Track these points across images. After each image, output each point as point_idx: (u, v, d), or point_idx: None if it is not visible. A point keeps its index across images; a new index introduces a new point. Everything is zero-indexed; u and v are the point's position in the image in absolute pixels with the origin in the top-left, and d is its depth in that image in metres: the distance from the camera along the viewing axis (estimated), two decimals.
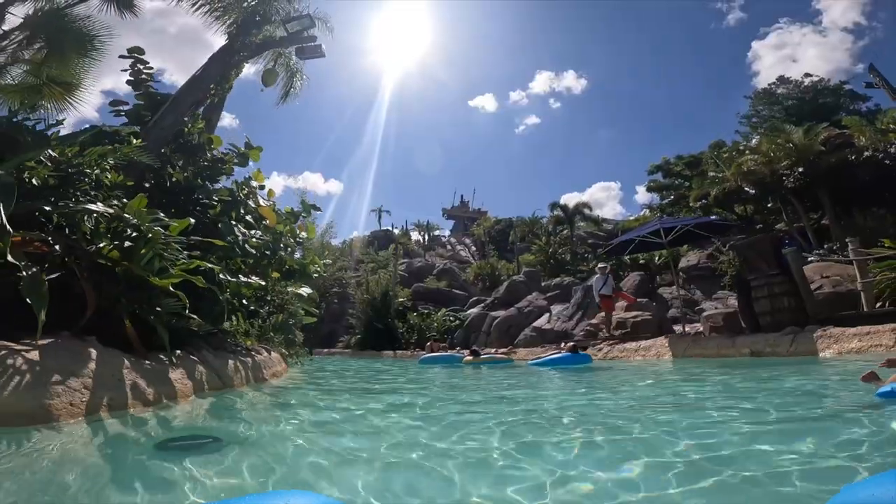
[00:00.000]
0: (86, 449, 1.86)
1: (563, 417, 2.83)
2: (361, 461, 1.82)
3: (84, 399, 2.29)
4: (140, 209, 3.21)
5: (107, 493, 1.41)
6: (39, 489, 1.41)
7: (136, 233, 3.14)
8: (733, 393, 3.93)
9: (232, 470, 1.67)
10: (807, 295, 7.85)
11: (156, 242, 3.00)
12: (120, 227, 3.12)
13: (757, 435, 2.01)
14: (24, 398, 2.01)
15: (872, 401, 2.70)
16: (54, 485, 1.46)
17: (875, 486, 0.89)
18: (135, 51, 7.97)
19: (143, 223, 3.07)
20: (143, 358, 3.20)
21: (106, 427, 2.22)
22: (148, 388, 2.87)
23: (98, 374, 2.49)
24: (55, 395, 2.15)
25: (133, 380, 2.78)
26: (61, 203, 3.09)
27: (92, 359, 2.56)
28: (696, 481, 1.40)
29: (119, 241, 3.03)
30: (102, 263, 3.03)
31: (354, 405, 3.65)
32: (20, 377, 2.06)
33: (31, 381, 2.09)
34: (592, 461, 1.69)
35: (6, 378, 1.99)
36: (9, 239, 2.35)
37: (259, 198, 5.95)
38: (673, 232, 10.98)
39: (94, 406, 2.34)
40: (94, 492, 1.42)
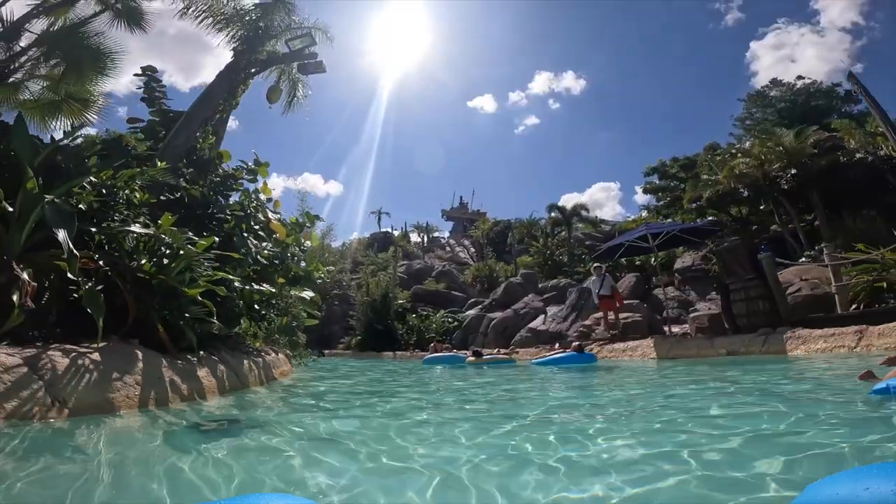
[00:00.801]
0: (151, 431, 2.35)
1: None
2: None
3: (137, 393, 2.78)
4: (171, 228, 3.70)
5: (175, 463, 1.89)
6: (130, 460, 1.89)
7: (169, 250, 3.63)
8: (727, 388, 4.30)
9: (264, 448, 2.15)
10: (780, 298, 8.34)
11: (189, 259, 3.49)
12: (156, 245, 3.60)
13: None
14: (93, 393, 2.49)
15: (867, 397, 2.79)
16: (136, 457, 1.94)
17: (838, 485, 0.91)
18: (148, 69, 8.49)
19: (176, 242, 3.56)
20: (175, 358, 3.69)
21: (157, 416, 2.71)
22: (182, 384, 3.36)
23: (145, 372, 2.98)
24: (116, 389, 2.64)
25: (171, 377, 3.27)
26: (104, 224, 3.58)
27: (139, 360, 3.05)
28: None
29: (156, 258, 3.52)
30: (141, 277, 3.51)
31: (367, 408, 4.13)
32: (89, 375, 2.54)
33: (97, 378, 2.56)
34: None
35: (79, 376, 2.47)
36: (76, 261, 2.84)
37: (267, 210, 6.43)
38: (659, 237, 11.47)
39: (145, 399, 2.82)
40: (165, 462, 1.90)
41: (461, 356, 12.33)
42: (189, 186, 5.78)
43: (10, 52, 8.95)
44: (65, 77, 8.69)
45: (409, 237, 59.74)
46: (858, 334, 6.48)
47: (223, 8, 10.51)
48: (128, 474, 1.63)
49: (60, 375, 2.34)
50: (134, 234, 3.44)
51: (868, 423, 2.29)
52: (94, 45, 9.26)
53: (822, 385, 3.96)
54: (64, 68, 8.66)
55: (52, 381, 2.27)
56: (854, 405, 2.71)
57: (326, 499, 1.43)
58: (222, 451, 2.02)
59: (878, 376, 3.22)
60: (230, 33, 10.25)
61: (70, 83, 8.71)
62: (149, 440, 2.17)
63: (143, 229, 3.49)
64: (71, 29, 9.25)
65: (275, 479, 1.65)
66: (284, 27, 10.63)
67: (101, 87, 9.15)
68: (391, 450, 2.07)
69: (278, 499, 1.11)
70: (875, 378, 3.21)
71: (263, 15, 10.27)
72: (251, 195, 6.49)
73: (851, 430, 2.06)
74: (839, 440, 1.80)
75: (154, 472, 1.68)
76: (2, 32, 8.59)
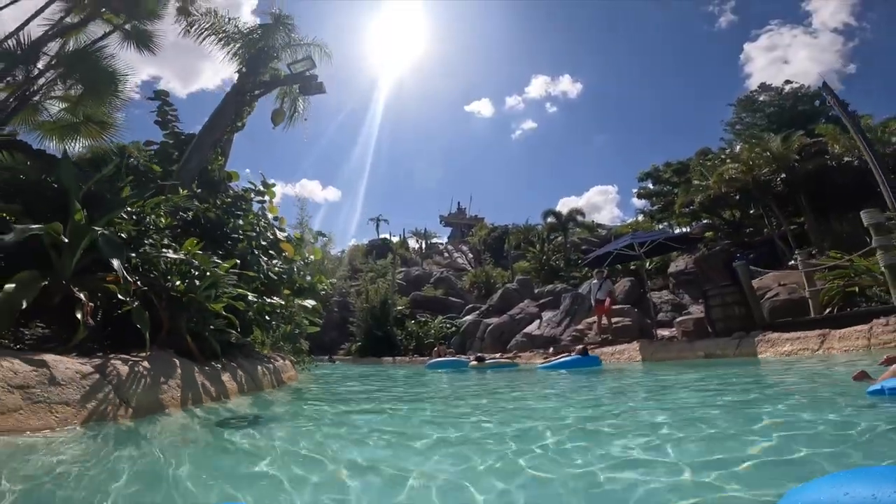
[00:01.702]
0: (196, 426, 2.90)
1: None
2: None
3: (178, 395, 3.32)
4: (199, 252, 4.26)
5: (223, 446, 2.43)
6: (191, 446, 2.44)
7: (197, 271, 4.18)
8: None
9: (284, 438, 2.70)
10: (754, 304, 8.91)
11: (215, 279, 4.04)
12: (185, 267, 4.16)
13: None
14: (148, 394, 3.03)
15: (856, 400, 2.86)
16: (192, 443, 2.48)
17: (818, 490, 0.92)
18: (161, 94, 9.05)
19: (203, 264, 4.12)
20: (203, 365, 4.23)
21: (196, 413, 3.25)
22: (211, 387, 3.90)
23: (183, 377, 3.52)
24: (164, 391, 3.18)
25: (202, 381, 3.81)
26: (140, 250, 4.13)
27: (177, 367, 3.59)
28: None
29: (187, 278, 4.07)
30: (173, 295, 4.06)
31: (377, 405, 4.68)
32: (143, 380, 3.08)
33: (150, 382, 3.10)
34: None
35: (137, 381, 3.01)
36: (130, 285, 3.39)
37: (275, 229, 7.00)
38: (645, 245, 12.04)
39: (184, 400, 3.37)
40: (215, 446, 2.44)
41: (464, 361, 12.67)
42: (204, 208, 6.33)
43: (29, 75, 9.49)
44: (82, 99, 9.23)
45: (407, 244, 60.25)
46: (821, 338, 7.03)
47: (225, 26, 11.13)
48: (193, 455, 2.18)
49: (123, 380, 2.88)
50: (169, 258, 3.99)
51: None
52: (109, 67, 9.80)
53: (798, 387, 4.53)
54: (82, 91, 9.20)
55: (118, 386, 2.81)
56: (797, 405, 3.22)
57: (349, 467, 1.97)
58: (252, 438, 2.57)
59: (872, 377, 3.23)
60: (232, 50, 10.88)
61: (87, 105, 9.25)
62: (199, 431, 2.72)
63: (176, 255, 4.04)
64: (87, 52, 9.77)
65: (296, 458, 2.18)
66: (284, 45, 11.24)
67: (116, 108, 9.72)
68: (404, 433, 2.62)
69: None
70: (869, 378, 3.22)
71: (265, 35, 10.88)
72: (260, 215, 7.05)
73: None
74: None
75: (209, 455, 2.23)
76: (20, 55, 9.10)
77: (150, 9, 11.09)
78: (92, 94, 8.75)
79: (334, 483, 1.77)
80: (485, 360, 11.89)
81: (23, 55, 9.09)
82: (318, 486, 1.70)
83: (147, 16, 11.12)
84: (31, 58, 9.43)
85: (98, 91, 8.72)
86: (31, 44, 9.27)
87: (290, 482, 1.73)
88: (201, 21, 10.97)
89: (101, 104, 8.98)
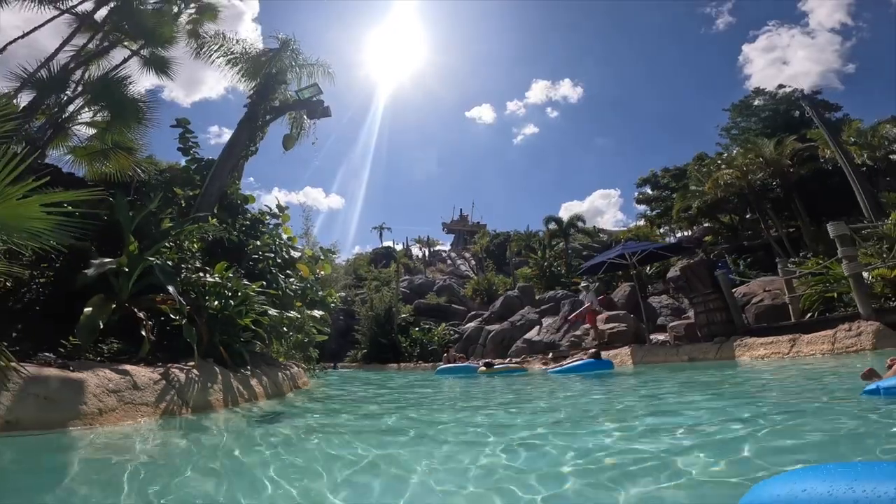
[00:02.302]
0: (243, 420, 3.57)
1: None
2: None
3: (221, 397, 3.99)
4: (231, 276, 4.94)
5: (244, 439, 3.08)
6: (235, 436, 3.10)
7: (230, 292, 4.86)
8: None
9: (309, 427, 3.35)
10: (734, 310, 9.53)
11: (246, 298, 4.73)
12: (220, 289, 4.84)
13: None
14: (200, 397, 3.70)
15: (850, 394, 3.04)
16: (240, 433, 3.14)
17: (778, 486, 0.96)
18: (182, 122, 9.79)
19: (235, 286, 4.80)
20: (235, 372, 4.90)
21: (236, 411, 3.92)
22: (244, 390, 4.58)
23: (223, 382, 4.19)
24: (211, 394, 3.85)
25: (236, 385, 4.48)
26: (183, 275, 4.82)
27: (218, 374, 4.26)
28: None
29: (222, 298, 4.76)
30: (211, 312, 4.74)
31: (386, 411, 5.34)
32: (196, 384, 3.75)
33: (200, 386, 3.78)
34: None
35: (191, 385, 3.69)
36: (184, 307, 4.07)
37: (290, 249, 7.69)
38: (636, 255, 12.68)
39: (226, 401, 4.04)
40: (236, 443, 3.09)
41: (473, 366, 12.82)
42: (224, 229, 7.02)
43: (60, 102, 10.22)
44: (111, 126, 9.94)
45: (410, 252, 60.98)
46: (791, 342, 7.65)
47: (232, 47, 11.91)
48: (244, 441, 2.84)
49: (182, 385, 3.55)
50: (208, 282, 4.68)
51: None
52: (134, 95, 10.52)
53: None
54: (109, 118, 9.91)
55: (179, 389, 3.48)
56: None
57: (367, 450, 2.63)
58: (285, 429, 3.23)
59: (880, 374, 3.21)
60: (240, 71, 11.66)
61: (114, 132, 9.96)
62: (244, 425, 3.39)
63: (212, 278, 4.73)
64: (112, 80, 10.50)
65: (319, 444, 2.83)
66: (291, 67, 11.98)
67: (142, 135, 10.43)
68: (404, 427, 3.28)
69: None
70: (877, 376, 3.20)
71: (272, 60, 11.64)
72: (275, 236, 7.75)
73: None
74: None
75: (256, 440, 2.90)
76: (52, 83, 9.82)
77: (167, 36, 11.87)
78: (119, 121, 9.43)
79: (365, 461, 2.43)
80: (493, 365, 12.19)
81: (54, 83, 9.82)
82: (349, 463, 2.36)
83: (163, 43, 11.90)
84: (61, 85, 10.18)
85: (125, 118, 9.41)
86: (59, 71, 10.01)
87: (325, 463, 2.39)
88: (210, 43, 11.75)
89: (127, 130, 9.66)
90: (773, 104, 40.08)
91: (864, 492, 0.81)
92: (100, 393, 2.72)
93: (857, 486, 0.83)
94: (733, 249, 27.22)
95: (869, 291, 9.03)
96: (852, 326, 7.02)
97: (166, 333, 4.42)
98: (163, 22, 11.45)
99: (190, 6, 12.23)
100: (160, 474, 1.96)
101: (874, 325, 6.74)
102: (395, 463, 2.20)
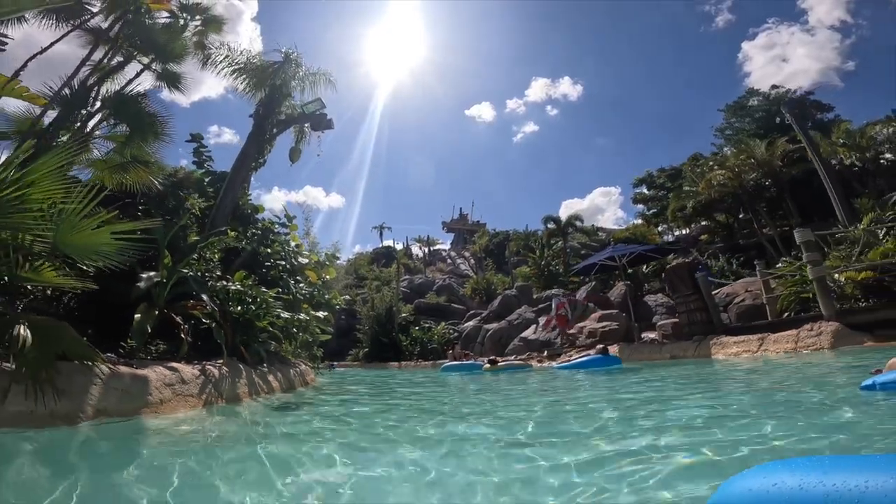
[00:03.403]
0: (264, 409, 4.23)
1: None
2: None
3: (246, 390, 4.66)
4: (252, 284, 5.61)
5: (281, 420, 3.74)
6: (268, 418, 3.76)
7: (250, 298, 5.53)
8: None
9: (324, 414, 4.01)
10: (713, 310, 10.18)
11: (268, 305, 5.40)
12: (242, 295, 5.51)
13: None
14: (231, 389, 4.36)
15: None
16: (264, 418, 3.80)
17: (750, 480, 0.96)
18: (196, 137, 10.45)
19: (255, 293, 5.47)
20: (254, 368, 5.57)
21: (259, 402, 4.59)
22: (263, 385, 5.24)
23: (247, 377, 4.86)
24: (238, 388, 4.51)
25: (257, 381, 5.15)
26: (209, 283, 5.48)
27: (242, 370, 4.93)
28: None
29: (244, 304, 5.42)
30: (235, 316, 5.41)
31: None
32: (227, 380, 4.41)
33: (230, 381, 4.44)
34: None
35: (223, 380, 4.35)
36: (216, 312, 4.73)
37: (299, 256, 8.36)
38: (625, 257, 13.34)
39: (249, 393, 4.70)
40: (275, 422, 3.75)
41: (478, 364, 13.09)
42: (235, 237, 7.68)
43: (82, 118, 10.85)
44: (130, 141, 10.60)
45: (410, 251, 61.63)
46: (760, 341, 8.31)
47: (237, 58, 12.56)
48: (271, 422, 3.50)
49: (217, 380, 4.21)
50: (232, 289, 5.35)
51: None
52: (151, 111, 11.17)
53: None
54: (129, 133, 10.57)
55: (215, 383, 4.14)
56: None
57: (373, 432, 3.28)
58: (302, 414, 3.89)
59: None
60: (245, 81, 12.30)
61: (133, 147, 10.62)
62: (268, 412, 4.06)
63: (235, 286, 5.39)
64: (130, 96, 11.14)
65: (331, 425, 3.49)
66: (293, 77, 12.62)
67: (158, 149, 11.09)
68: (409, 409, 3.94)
69: None
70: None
71: (277, 73, 12.28)
72: (284, 243, 8.42)
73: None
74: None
75: (279, 423, 3.57)
76: (74, 100, 10.45)
77: (179, 52, 12.52)
78: (138, 136, 10.08)
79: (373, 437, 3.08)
80: (498, 362, 12.43)
81: (76, 100, 10.47)
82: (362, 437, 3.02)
83: (175, 58, 12.55)
84: (84, 102, 10.82)
85: (143, 133, 10.05)
86: (79, 87, 10.66)
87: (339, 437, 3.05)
88: (216, 54, 12.40)
89: (144, 144, 10.30)
90: (767, 105, 40.68)
91: (835, 485, 0.81)
92: (160, 386, 3.38)
93: (827, 480, 0.83)
94: (728, 248, 27.84)
95: (840, 293, 9.70)
96: (814, 327, 7.67)
97: (196, 335, 5.08)
98: (174, 38, 12.10)
99: (196, 18, 12.90)
100: (229, 446, 2.61)
101: (833, 326, 7.39)
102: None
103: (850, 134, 27.17)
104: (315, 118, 11.77)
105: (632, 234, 39.21)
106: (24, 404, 2.50)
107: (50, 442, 2.44)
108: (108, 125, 11.25)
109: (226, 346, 4.87)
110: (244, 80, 12.39)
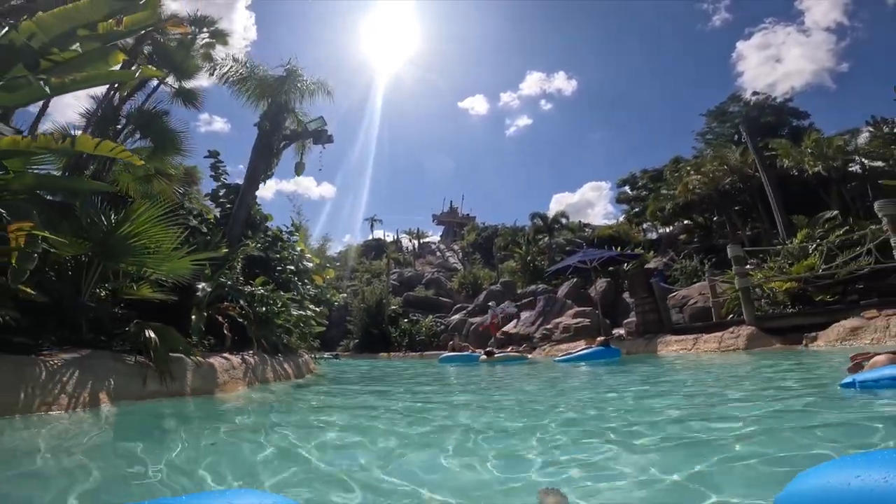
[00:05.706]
0: (289, 388, 5.61)
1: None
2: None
3: (271, 375, 6.03)
4: (272, 288, 6.96)
5: (294, 402, 5.11)
6: (294, 394, 5.13)
7: (271, 301, 6.89)
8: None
9: (334, 392, 5.39)
10: (664, 311, 11.70)
11: (286, 304, 6.75)
12: (265, 298, 6.86)
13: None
14: (262, 375, 5.72)
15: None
16: (292, 394, 5.17)
17: (827, 474, 0.94)
18: (214, 153, 11.66)
19: (275, 296, 6.82)
20: (272, 358, 6.93)
21: (282, 385, 5.96)
22: (281, 371, 6.62)
23: (271, 365, 6.22)
24: (266, 373, 5.88)
25: (277, 368, 6.52)
26: (239, 287, 6.82)
27: (268, 359, 6.29)
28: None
29: (266, 304, 6.78)
30: (259, 315, 6.76)
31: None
32: (259, 367, 5.76)
33: (261, 368, 5.80)
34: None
35: (255, 367, 5.70)
36: (250, 313, 6.07)
37: (306, 261, 9.69)
38: (595, 260, 14.84)
39: (273, 377, 6.07)
40: (289, 403, 5.12)
41: (475, 355, 13.56)
42: (262, 252, 8.97)
43: (112, 135, 11.96)
44: (154, 155, 11.76)
45: (400, 244, 62.81)
46: (694, 340, 9.83)
47: (240, 69, 13.73)
48: (297, 398, 4.88)
49: (253, 366, 5.57)
50: (257, 293, 6.70)
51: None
52: (173, 128, 12.30)
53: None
54: (153, 148, 11.73)
55: (252, 369, 5.49)
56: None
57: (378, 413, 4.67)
58: (318, 393, 5.26)
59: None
60: (248, 91, 13.47)
61: (156, 160, 11.79)
62: (293, 390, 5.45)
63: (259, 290, 6.75)
64: (153, 112, 12.26)
65: (340, 401, 4.86)
66: (294, 89, 13.81)
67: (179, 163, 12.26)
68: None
69: (245, 495, 1.14)
70: (862, 370, 3.23)
71: (280, 86, 13.48)
72: (292, 251, 9.75)
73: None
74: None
75: (304, 398, 4.94)
76: (106, 118, 11.56)
77: (193, 69, 13.64)
78: (160, 151, 11.27)
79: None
80: (494, 353, 13.15)
81: (108, 119, 11.59)
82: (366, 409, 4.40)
83: (190, 76, 13.67)
84: (115, 119, 11.94)
85: (165, 148, 11.23)
86: (107, 106, 11.77)
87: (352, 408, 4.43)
88: (222, 65, 13.53)
89: (167, 158, 11.48)
90: (746, 111, 42.37)
91: None
92: (221, 371, 4.73)
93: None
94: (705, 248, 29.49)
95: (773, 299, 11.27)
96: (735, 330, 9.20)
97: (235, 332, 6.44)
98: (188, 56, 13.24)
99: (203, 31, 14.03)
100: (282, 410, 3.98)
101: (749, 330, 8.91)
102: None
103: (818, 143, 28.82)
104: (317, 134, 13.02)
105: (615, 231, 40.82)
106: (156, 385, 3.84)
107: (180, 408, 3.74)
108: (132, 139, 12.44)
109: (255, 340, 6.23)
110: (247, 89, 13.56)
